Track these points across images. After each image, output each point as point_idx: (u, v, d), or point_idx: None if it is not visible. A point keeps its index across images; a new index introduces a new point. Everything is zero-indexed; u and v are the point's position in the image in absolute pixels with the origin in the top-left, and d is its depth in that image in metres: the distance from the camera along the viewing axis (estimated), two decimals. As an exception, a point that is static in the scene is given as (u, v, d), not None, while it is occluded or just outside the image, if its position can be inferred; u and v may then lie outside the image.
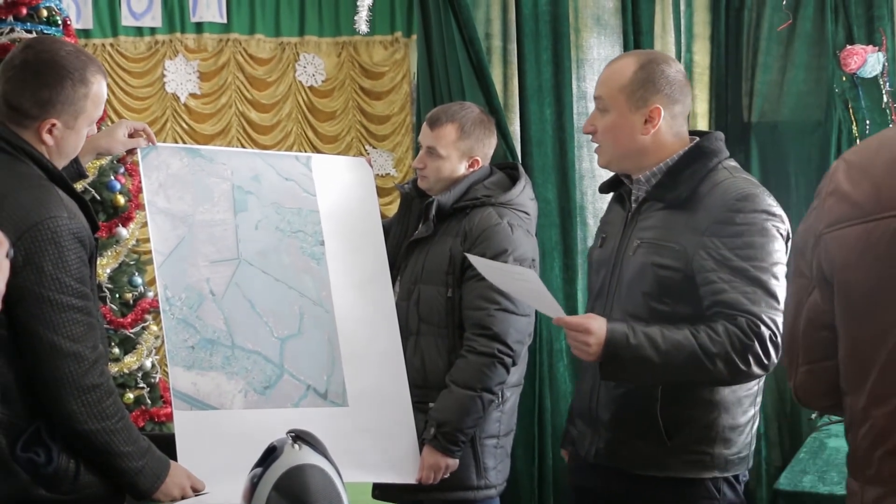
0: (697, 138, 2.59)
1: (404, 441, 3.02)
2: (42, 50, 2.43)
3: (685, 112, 2.59)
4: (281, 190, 3.07)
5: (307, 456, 2.06)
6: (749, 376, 2.39)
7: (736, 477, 2.56)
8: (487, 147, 3.26)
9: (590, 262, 2.77)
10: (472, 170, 3.21)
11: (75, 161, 2.65)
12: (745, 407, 2.56)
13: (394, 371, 3.06)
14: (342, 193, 3.17)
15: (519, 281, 2.54)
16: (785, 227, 2.47)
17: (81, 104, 2.42)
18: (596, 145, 2.63)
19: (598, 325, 2.36)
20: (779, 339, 2.34)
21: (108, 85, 2.57)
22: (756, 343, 2.33)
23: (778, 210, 2.48)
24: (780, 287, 2.38)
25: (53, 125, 2.39)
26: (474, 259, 2.66)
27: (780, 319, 2.33)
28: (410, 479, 3.00)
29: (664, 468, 2.52)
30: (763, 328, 2.33)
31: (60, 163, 2.47)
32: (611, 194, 2.80)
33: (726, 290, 2.36)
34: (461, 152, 3.20)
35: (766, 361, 2.36)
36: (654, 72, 2.53)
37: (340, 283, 3.08)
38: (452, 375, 3.05)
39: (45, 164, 2.40)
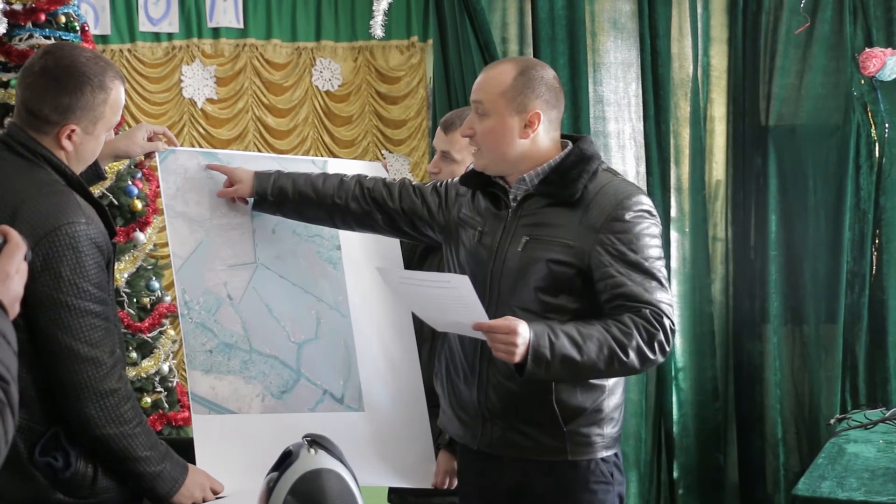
0: (569, 142, 2.68)
1: (419, 446, 3.02)
2: (61, 56, 2.44)
3: (560, 117, 2.68)
4: None
5: (323, 460, 2.06)
6: (653, 364, 2.48)
7: (616, 455, 2.69)
8: None
9: (465, 253, 2.73)
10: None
11: (94, 163, 2.66)
12: (621, 386, 2.68)
13: (409, 376, 3.06)
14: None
15: (437, 289, 2.50)
16: (659, 227, 2.60)
17: (100, 110, 2.43)
18: (474, 149, 2.68)
19: (522, 327, 2.37)
20: (675, 327, 2.51)
21: (126, 90, 2.57)
22: (660, 332, 2.44)
23: (654, 211, 2.60)
24: (666, 278, 2.54)
25: (73, 131, 2.40)
26: (384, 271, 2.67)
27: (672, 308, 2.51)
28: (426, 484, 3.01)
29: (560, 453, 2.60)
30: (664, 317, 2.46)
31: (79, 168, 2.48)
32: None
33: (626, 283, 2.47)
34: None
35: (667, 348, 2.48)
36: (534, 77, 2.60)
37: (357, 288, 3.08)
38: None
39: (64, 169, 2.41)
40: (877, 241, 4.53)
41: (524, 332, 2.36)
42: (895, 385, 4.51)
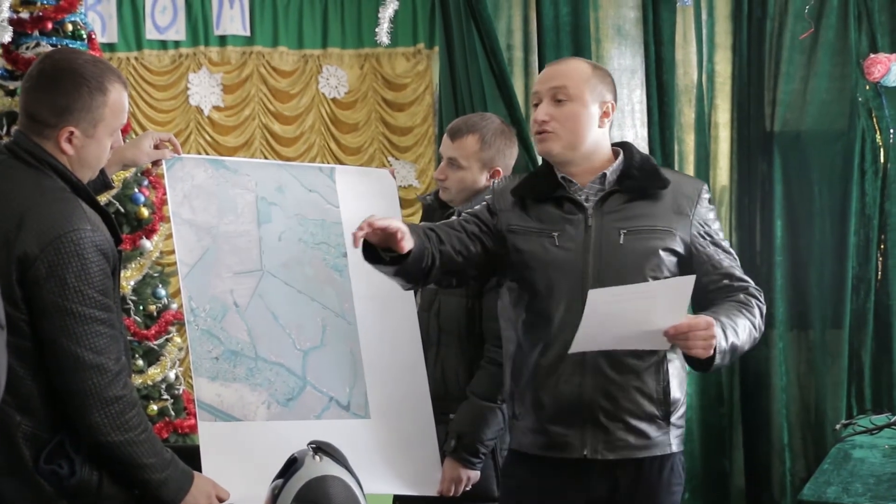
0: (618, 147, 2.77)
1: (426, 453, 3.01)
2: (59, 59, 2.45)
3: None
4: (304, 201, 3.07)
5: (328, 467, 2.07)
6: (762, 334, 2.64)
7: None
8: (509, 158, 3.26)
9: (538, 263, 2.65)
10: (493, 180, 3.21)
11: (101, 172, 2.65)
12: None
13: (416, 383, 3.05)
14: (365, 205, 3.15)
15: (648, 298, 2.45)
16: None
17: (100, 112, 2.42)
18: (542, 134, 2.66)
19: (713, 321, 2.42)
20: None
21: (132, 98, 2.58)
22: (764, 304, 2.64)
23: None
24: None
25: (72, 133, 2.39)
26: (594, 293, 2.45)
27: None
28: (431, 492, 3.00)
29: (666, 446, 2.65)
30: (762, 292, 2.65)
31: (84, 174, 2.48)
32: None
33: (723, 263, 2.63)
34: (482, 163, 3.19)
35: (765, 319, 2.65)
36: (606, 75, 2.73)
37: (363, 295, 3.08)
38: (472, 387, 3.05)
39: (69, 176, 2.41)
40: (882, 247, 4.54)
41: (716, 327, 2.41)
42: (901, 390, 4.51)
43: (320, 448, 2.10)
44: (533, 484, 2.74)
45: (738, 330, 2.49)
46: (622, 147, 2.75)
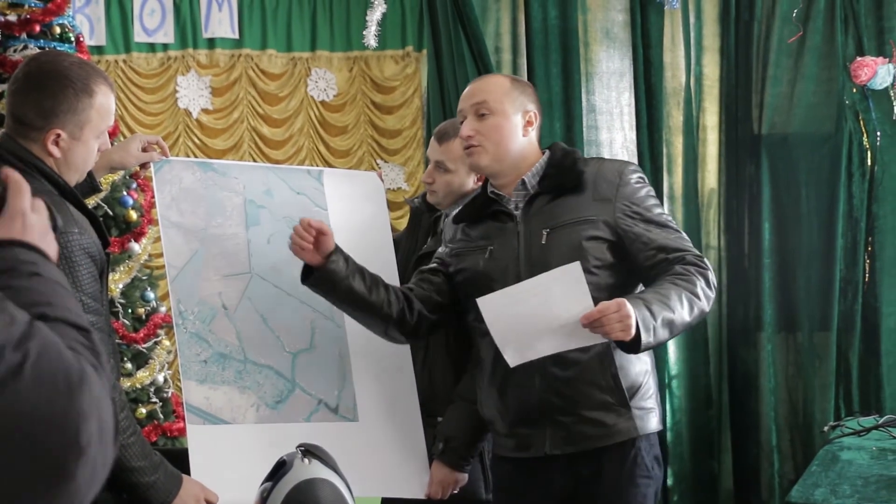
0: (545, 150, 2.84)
1: (414, 455, 3.02)
2: (45, 61, 2.44)
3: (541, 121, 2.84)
4: (293, 204, 3.07)
5: (317, 470, 2.06)
6: (712, 301, 2.62)
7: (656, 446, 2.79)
8: None
9: (473, 277, 2.75)
10: (479, 183, 3.22)
11: (89, 175, 2.64)
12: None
13: (404, 386, 3.06)
14: (353, 208, 3.17)
15: (543, 292, 2.49)
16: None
17: (86, 114, 2.41)
18: (471, 148, 2.74)
19: (625, 301, 2.42)
20: None
21: (121, 101, 2.58)
22: (709, 270, 2.61)
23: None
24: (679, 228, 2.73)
25: (58, 136, 2.38)
26: (485, 301, 2.58)
27: None
28: (420, 494, 3.00)
29: (631, 431, 2.67)
30: (703, 257, 2.63)
31: (71, 177, 2.47)
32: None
33: (656, 238, 2.62)
34: (468, 167, 3.20)
35: (715, 283, 2.62)
36: (525, 85, 2.85)
37: None
38: (460, 390, 3.06)
39: (56, 179, 2.41)
40: (869, 249, 4.55)
41: (628, 306, 2.40)
42: (888, 392, 4.52)
43: (309, 451, 2.10)
44: (514, 485, 2.82)
45: (670, 303, 2.48)
46: (550, 148, 2.82)
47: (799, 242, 4.68)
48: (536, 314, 2.49)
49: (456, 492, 3.04)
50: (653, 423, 2.72)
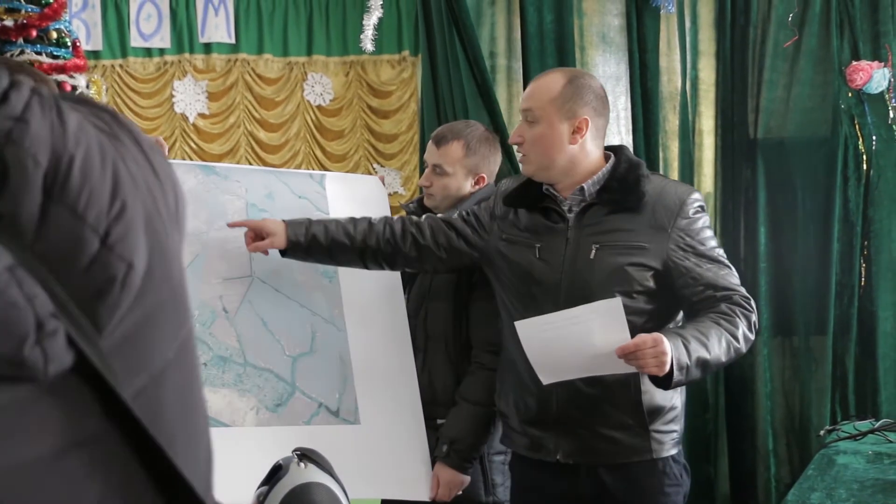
0: (610, 152, 2.78)
1: (416, 457, 3.01)
2: None
3: (606, 126, 2.77)
4: (294, 208, 3.08)
5: (313, 474, 2.06)
6: (751, 343, 2.62)
7: (681, 455, 2.82)
8: (493, 164, 3.28)
9: (520, 273, 2.77)
10: (477, 187, 3.22)
11: None
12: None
13: (406, 388, 3.05)
14: (355, 211, 3.18)
15: (581, 324, 2.50)
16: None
17: None
18: (521, 154, 2.76)
19: (662, 337, 2.42)
20: None
21: (117, 105, 2.61)
22: (753, 312, 2.61)
23: (705, 205, 2.77)
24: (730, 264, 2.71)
25: None
26: (522, 324, 2.59)
27: None
28: (423, 496, 3.00)
29: (644, 452, 2.69)
30: (750, 299, 2.62)
31: None
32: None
33: (706, 274, 2.60)
34: (467, 169, 3.21)
35: (758, 326, 2.64)
36: (582, 85, 2.70)
37: (354, 301, 3.09)
38: (463, 392, 3.06)
39: None
40: (865, 253, 4.55)
41: (665, 343, 2.40)
42: (884, 396, 4.52)
43: (305, 455, 2.10)
44: (537, 487, 2.84)
45: (708, 343, 2.47)
46: (615, 153, 2.76)
47: (795, 246, 4.68)
48: (573, 343, 2.50)
49: (459, 493, 3.05)
50: (669, 446, 2.72)
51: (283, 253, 2.93)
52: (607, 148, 2.79)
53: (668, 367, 2.41)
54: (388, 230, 2.93)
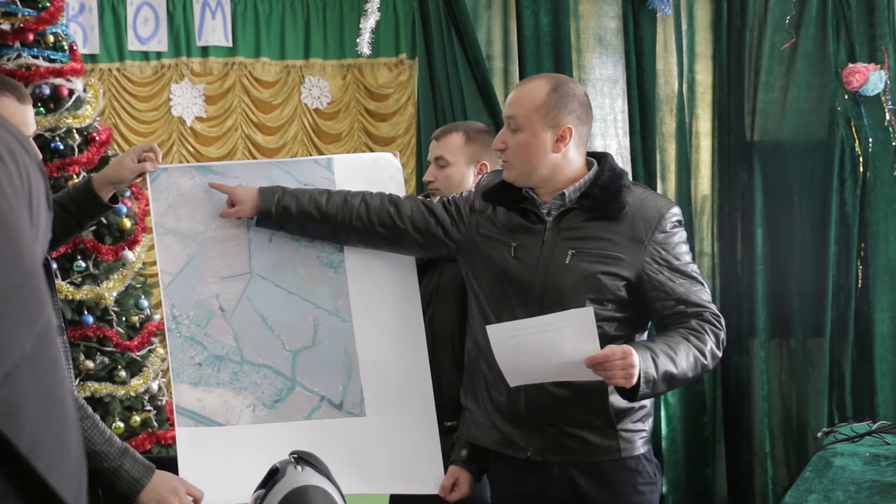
0: (592, 159, 2.78)
1: (426, 450, 2.95)
2: None
3: (589, 133, 2.79)
4: None
5: (309, 477, 2.06)
6: (717, 361, 2.65)
7: (651, 454, 2.84)
8: (493, 154, 3.28)
9: (495, 270, 2.77)
10: (480, 176, 3.23)
11: (92, 193, 2.70)
12: None
13: (417, 378, 2.98)
14: None
15: (552, 330, 2.51)
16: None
17: None
18: (503, 160, 2.75)
19: (631, 350, 2.43)
20: None
21: (114, 109, 2.63)
22: (722, 330, 2.63)
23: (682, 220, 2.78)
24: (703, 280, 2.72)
25: None
26: (494, 329, 2.61)
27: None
28: (434, 490, 2.93)
29: (612, 451, 2.70)
30: (720, 317, 2.64)
31: None
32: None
33: (679, 289, 2.62)
34: (468, 157, 3.22)
35: (724, 344, 2.65)
36: (566, 94, 2.69)
37: (362, 289, 3.01)
38: None
39: None
40: (861, 255, 4.56)
41: (634, 356, 2.41)
42: (882, 398, 4.52)
43: (302, 458, 2.10)
44: (510, 487, 2.85)
45: (676, 358, 2.50)
46: (598, 161, 2.76)
47: (792, 249, 4.69)
48: (543, 349, 2.52)
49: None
50: (638, 445, 2.73)
51: (258, 222, 2.92)
52: (591, 154, 2.79)
53: (635, 380, 2.42)
54: (362, 206, 2.88)
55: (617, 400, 2.65)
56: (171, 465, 2.62)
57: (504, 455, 2.81)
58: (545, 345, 2.50)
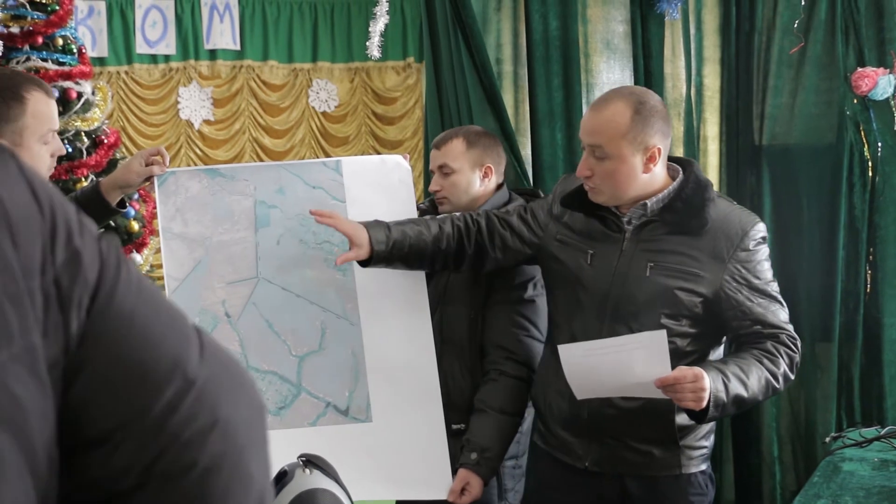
0: (676, 165, 2.73)
1: (434, 455, 2.95)
2: None
3: (670, 140, 2.72)
4: (307, 200, 2.99)
5: (318, 480, 2.06)
6: (790, 383, 2.65)
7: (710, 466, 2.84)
8: (496, 156, 3.27)
9: (569, 276, 2.76)
10: (486, 180, 3.22)
11: (100, 197, 2.71)
12: None
13: (425, 382, 2.98)
14: (377, 197, 3.07)
15: (625, 352, 2.50)
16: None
17: (21, 121, 2.48)
18: (590, 186, 2.69)
19: (703, 374, 2.42)
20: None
21: (123, 112, 2.64)
22: (797, 354, 2.63)
23: (766, 235, 2.74)
24: (783, 300, 2.70)
25: None
26: (565, 349, 2.59)
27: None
28: (442, 494, 2.93)
29: (674, 467, 2.70)
30: (797, 340, 2.64)
31: None
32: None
33: (757, 309, 2.59)
34: (472, 162, 3.21)
35: (798, 366, 2.66)
36: (649, 113, 2.61)
37: (370, 293, 3.00)
38: (487, 400, 3.02)
39: None
40: (871, 259, 4.55)
41: (705, 379, 2.41)
42: (890, 403, 4.51)
43: (310, 461, 2.10)
44: (560, 487, 2.84)
45: (747, 382, 2.48)
46: (683, 169, 2.71)
47: (800, 253, 4.67)
48: (614, 370, 2.52)
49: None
50: (698, 461, 2.73)
51: (365, 263, 2.86)
52: (675, 160, 2.75)
53: (705, 403, 2.42)
54: (455, 231, 2.89)
55: (682, 418, 2.63)
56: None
57: (558, 460, 2.81)
58: (616, 366, 2.50)
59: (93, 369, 0.82)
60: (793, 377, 2.61)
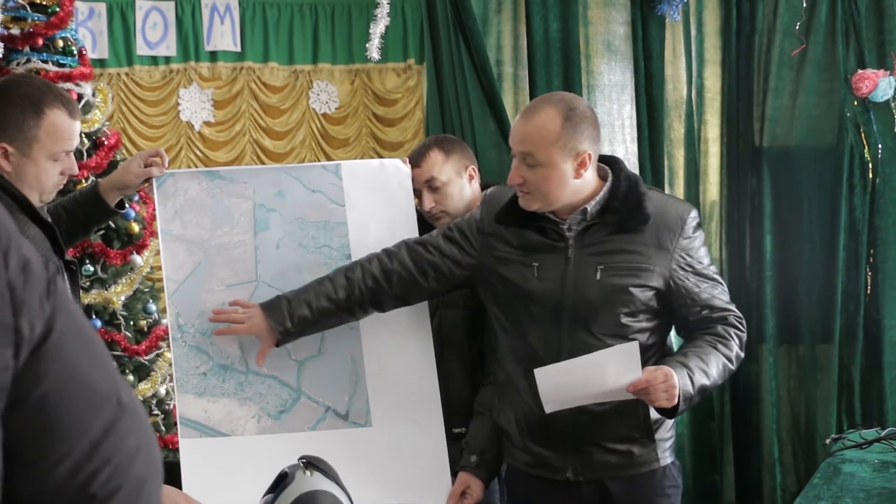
0: (603, 164, 2.73)
1: (434, 459, 2.94)
2: (9, 80, 2.56)
3: (599, 145, 2.71)
4: (306, 204, 2.99)
5: (318, 482, 2.06)
6: (741, 362, 2.71)
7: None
8: (471, 155, 3.29)
9: (517, 292, 2.72)
10: (472, 181, 3.21)
11: (98, 198, 2.71)
12: None
13: (425, 387, 2.97)
14: (377, 200, 3.06)
15: (597, 366, 2.53)
16: None
17: (34, 133, 2.48)
18: (522, 192, 2.67)
19: (672, 372, 2.47)
20: None
21: (123, 114, 2.65)
22: (744, 332, 2.70)
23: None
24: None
25: (5, 149, 2.46)
26: (541, 372, 2.58)
27: None
28: (440, 501, 2.93)
29: (653, 461, 2.74)
30: (742, 318, 2.70)
31: (29, 193, 2.53)
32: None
33: (703, 294, 2.65)
34: (456, 169, 3.19)
35: (745, 345, 2.71)
36: (578, 119, 2.60)
37: None
38: (487, 403, 3.01)
39: (10, 189, 2.47)
40: (871, 261, 4.55)
41: (675, 376, 2.47)
42: (890, 404, 4.51)
43: (311, 463, 2.10)
44: (531, 499, 2.84)
45: (708, 371, 2.55)
46: (611, 167, 2.72)
47: (800, 255, 4.68)
48: (587, 383, 2.56)
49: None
50: (669, 453, 2.78)
51: (280, 342, 2.84)
52: (602, 159, 2.75)
53: (676, 400, 2.47)
54: (367, 277, 2.81)
55: (652, 412, 2.66)
56: (177, 469, 2.62)
57: (535, 476, 2.80)
58: (590, 380, 2.54)
59: (39, 394, 0.82)
60: (743, 356, 2.68)
